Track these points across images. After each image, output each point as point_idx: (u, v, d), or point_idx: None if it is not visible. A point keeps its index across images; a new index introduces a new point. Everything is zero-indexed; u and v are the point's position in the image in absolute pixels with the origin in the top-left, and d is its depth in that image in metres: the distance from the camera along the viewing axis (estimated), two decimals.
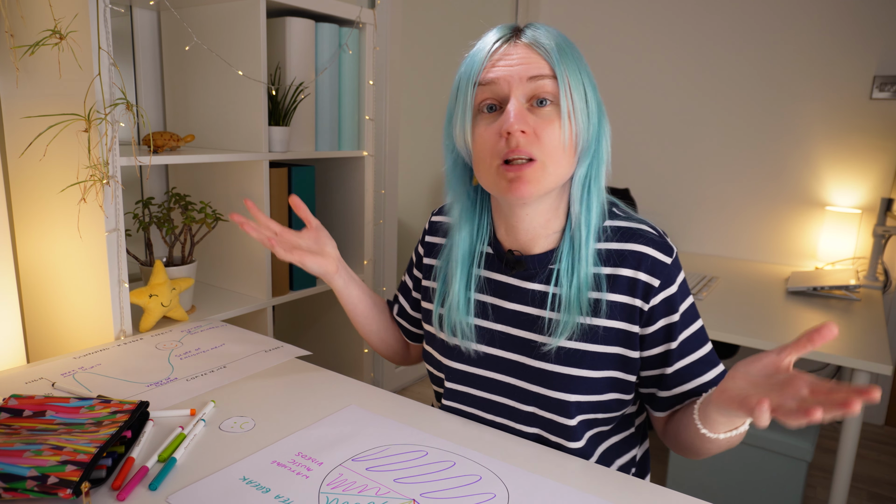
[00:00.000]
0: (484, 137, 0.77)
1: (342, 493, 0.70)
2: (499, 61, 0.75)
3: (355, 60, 1.65)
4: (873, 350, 1.57)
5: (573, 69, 0.75)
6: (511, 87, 0.74)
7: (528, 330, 0.85)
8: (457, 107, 0.80)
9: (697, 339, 0.83)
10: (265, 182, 1.42)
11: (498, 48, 0.76)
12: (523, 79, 0.74)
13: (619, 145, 3.03)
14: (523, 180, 0.75)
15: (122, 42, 1.53)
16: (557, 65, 0.74)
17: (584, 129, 0.77)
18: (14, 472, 0.66)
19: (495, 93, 0.76)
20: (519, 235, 0.85)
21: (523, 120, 0.74)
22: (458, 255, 0.88)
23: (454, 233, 0.89)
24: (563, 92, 0.74)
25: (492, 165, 0.77)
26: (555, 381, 0.83)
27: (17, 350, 1.15)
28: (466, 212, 0.88)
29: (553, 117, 0.75)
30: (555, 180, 0.77)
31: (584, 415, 0.83)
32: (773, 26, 2.61)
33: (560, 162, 0.76)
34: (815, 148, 2.60)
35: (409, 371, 2.77)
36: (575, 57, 0.77)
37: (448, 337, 0.90)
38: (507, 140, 0.75)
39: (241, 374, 1.02)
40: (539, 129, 0.74)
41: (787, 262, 2.71)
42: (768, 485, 1.74)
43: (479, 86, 0.77)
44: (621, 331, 0.81)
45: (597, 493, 0.72)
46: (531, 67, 0.74)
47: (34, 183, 1.23)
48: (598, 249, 0.82)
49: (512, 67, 0.74)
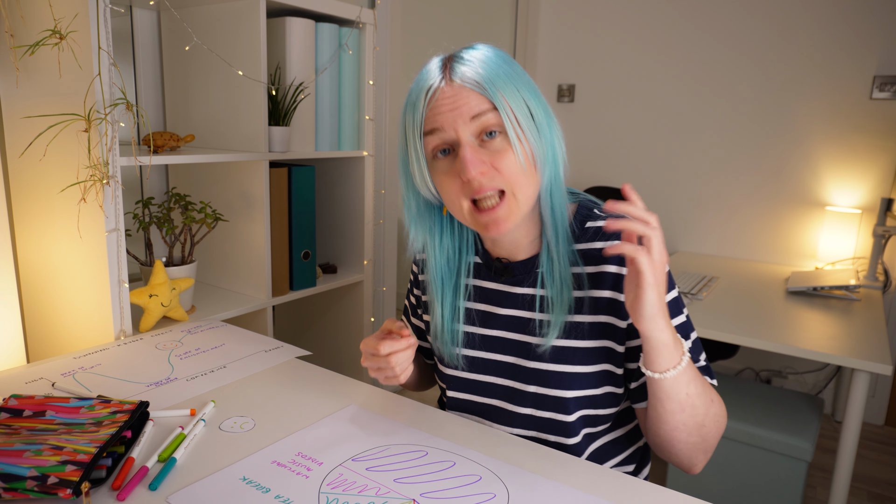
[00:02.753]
0: (447, 183, 0.79)
1: (342, 493, 0.70)
2: (437, 108, 0.76)
3: (355, 60, 1.65)
4: (873, 350, 1.57)
5: (510, 91, 0.76)
6: (457, 130, 0.76)
7: (521, 332, 0.88)
8: (409, 156, 0.81)
9: (680, 331, 0.83)
10: (265, 182, 1.42)
11: (433, 94, 0.77)
12: (466, 120, 0.75)
13: (620, 145, 3.03)
14: (499, 220, 0.77)
15: (122, 42, 1.53)
16: (493, 95, 0.75)
17: (537, 145, 0.78)
18: (14, 472, 0.66)
19: (444, 139, 0.77)
20: (503, 246, 0.88)
21: (479, 161, 0.75)
22: (442, 273, 0.90)
23: (433, 254, 0.90)
24: (506, 120, 0.75)
25: (463, 208, 0.79)
26: (551, 380, 0.85)
27: (17, 350, 1.15)
28: (445, 234, 0.90)
29: (505, 146, 0.76)
30: (527, 204, 0.79)
31: (581, 410, 0.85)
32: (774, 26, 2.60)
33: (525, 185, 0.78)
34: (815, 148, 2.60)
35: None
36: (507, 75, 0.77)
37: (443, 347, 0.92)
38: (469, 184, 0.76)
39: (241, 374, 1.02)
40: (496, 161, 0.76)
41: (787, 262, 2.71)
42: (768, 485, 1.74)
43: (425, 135, 0.78)
44: (608, 325, 0.83)
45: (596, 493, 0.72)
46: (470, 107, 0.75)
47: (34, 183, 1.23)
48: (580, 250, 0.85)
49: (451, 112, 0.76)
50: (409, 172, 0.83)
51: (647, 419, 0.84)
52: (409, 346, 0.85)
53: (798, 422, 1.76)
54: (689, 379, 0.75)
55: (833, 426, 2.57)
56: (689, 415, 0.77)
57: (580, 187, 3.11)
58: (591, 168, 3.13)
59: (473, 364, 0.91)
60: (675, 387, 0.75)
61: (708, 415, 0.79)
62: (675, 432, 0.79)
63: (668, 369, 0.74)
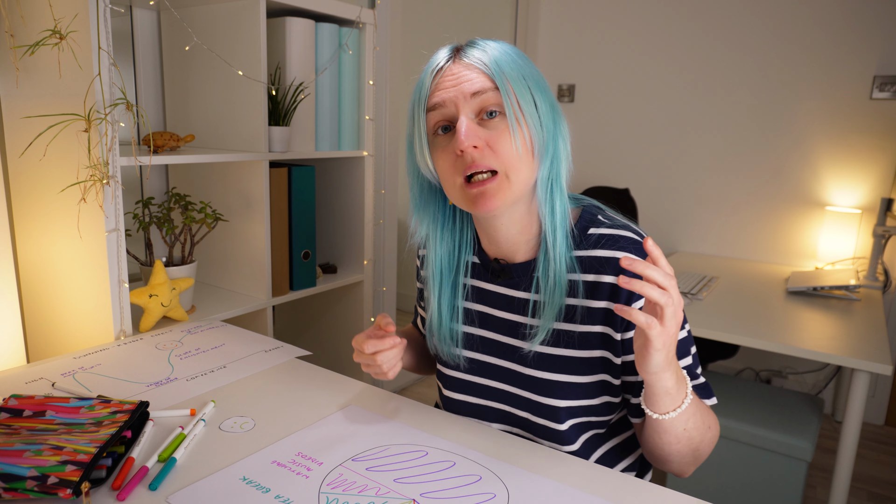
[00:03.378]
0: (443, 159, 0.79)
1: (342, 493, 0.70)
2: (441, 84, 0.78)
3: (355, 60, 1.65)
4: (873, 350, 1.57)
5: (514, 76, 0.77)
6: (458, 106, 0.77)
7: (513, 336, 0.87)
8: (414, 134, 0.82)
9: (680, 347, 0.82)
10: (265, 182, 1.42)
11: (439, 71, 0.79)
12: (467, 96, 0.76)
13: (620, 145, 3.03)
14: (487, 195, 0.77)
15: (122, 42, 1.53)
16: (496, 75, 0.76)
17: (536, 131, 0.78)
18: (14, 472, 0.66)
19: (444, 115, 0.78)
20: (500, 245, 0.87)
21: (474, 135, 0.76)
22: (441, 267, 0.90)
23: (434, 247, 0.90)
24: (506, 100, 0.76)
25: (455, 184, 0.79)
26: (542, 387, 0.84)
27: (17, 350, 1.15)
28: (447, 228, 0.90)
29: (504, 126, 0.77)
30: (519, 188, 0.79)
31: (574, 419, 0.84)
32: (774, 26, 2.60)
33: (519, 168, 0.78)
34: (815, 148, 2.60)
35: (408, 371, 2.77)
36: (516, 64, 0.78)
37: (439, 345, 0.92)
38: (462, 157, 0.77)
39: (241, 374, 1.02)
40: (492, 140, 0.77)
41: (787, 262, 2.71)
42: (768, 485, 1.74)
43: (428, 112, 0.79)
44: (604, 335, 0.82)
45: (597, 493, 0.72)
46: (472, 84, 0.76)
47: (34, 183, 1.23)
48: (580, 257, 0.83)
49: (454, 87, 0.77)
50: (413, 151, 0.84)
51: (641, 437, 0.84)
52: (395, 346, 0.85)
53: (798, 422, 1.76)
54: (689, 416, 0.76)
55: (833, 426, 2.57)
56: (685, 444, 0.78)
57: (580, 187, 3.11)
58: (591, 168, 3.13)
59: (473, 366, 0.91)
60: (673, 424, 0.75)
61: (703, 441, 0.80)
62: (669, 456, 0.80)
63: (669, 412, 0.74)
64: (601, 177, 3.11)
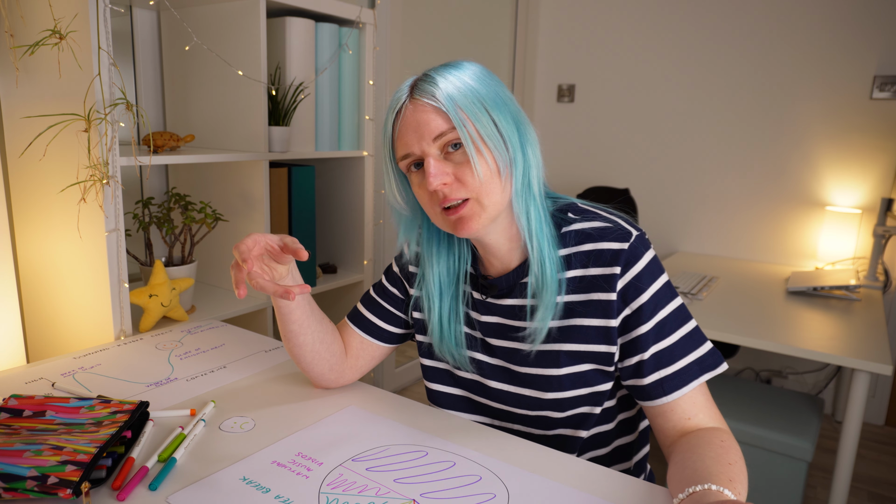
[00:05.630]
0: (420, 193, 0.84)
1: (342, 494, 0.70)
2: (403, 132, 0.82)
3: (355, 60, 1.65)
4: (873, 350, 1.56)
5: (468, 104, 0.79)
6: (422, 149, 0.80)
7: (511, 340, 0.89)
8: (386, 170, 0.87)
9: (676, 318, 0.83)
10: (265, 182, 1.42)
11: (399, 113, 0.83)
12: (429, 141, 0.80)
13: (620, 145, 3.03)
14: (465, 219, 0.81)
15: (122, 42, 1.53)
16: (450, 111, 0.79)
17: (500, 152, 0.81)
18: (14, 472, 0.66)
19: (413, 158, 0.82)
20: (495, 255, 0.89)
21: (442, 174, 0.79)
22: (441, 283, 0.92)
23: (431, 266, 0.92)
24: (464, 138, 0.79)
25: (436, 213, 0.83)
26: (540, 383, 0.86)
27: (17, 350, 1.15)
28: (442, 245, 0.93)
29: (468, 157, 0.80)
30: (494, 209, 0.82)
31: (568, 411, 0.86)
32: (774, 26, 2.60)
33: (491, 191, 0.80)
34: (815, 148, 2.60)
35: (409, 371, 2.77)
36: (470, 90, 0.80)
37: (447, 351, 0.93)
38: (435, 194, 0.81)
39: (241, 375, 1.02)
40: (458, 173, 0.80)
41: (787, 262, 2.71)
42: (768, 485, 1.74)
43: (399, 160, 0.84)
44: (601, 328, 0.83)
45: (597, 493, 0.72)
46: (430, 129, 0.80)
47: (34, 183, 1.23)
48: (563, 256, 0.86)
49: (415, 134, 0.81)
50: (391, 187, 0.89)
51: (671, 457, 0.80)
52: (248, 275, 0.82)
53: (798, 422, 1.76)
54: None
55: (833, 426, 2.57)
56: None
57: (581, 187, 3.11)
58: (591, 168, 3.13)
59: (481, 368, 0.92)
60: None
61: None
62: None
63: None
64: (601, 177, 3.11)
